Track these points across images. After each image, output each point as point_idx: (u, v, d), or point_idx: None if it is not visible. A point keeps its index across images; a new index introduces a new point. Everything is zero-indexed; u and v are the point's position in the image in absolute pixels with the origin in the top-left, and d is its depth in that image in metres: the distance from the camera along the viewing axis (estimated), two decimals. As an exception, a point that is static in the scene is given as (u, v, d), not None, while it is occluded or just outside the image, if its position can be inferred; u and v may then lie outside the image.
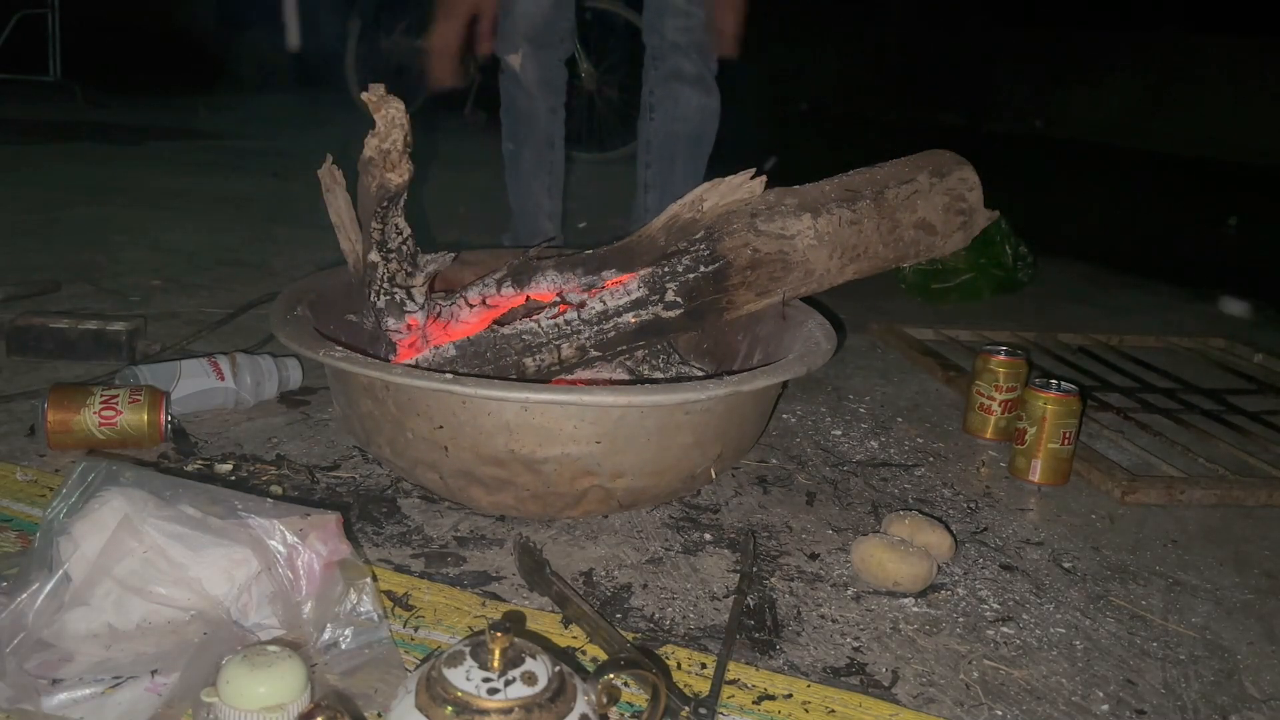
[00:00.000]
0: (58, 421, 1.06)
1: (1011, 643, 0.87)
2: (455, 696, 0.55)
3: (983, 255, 2.07)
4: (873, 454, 1.27)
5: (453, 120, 4.29)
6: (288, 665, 0.64)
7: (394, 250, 1.02)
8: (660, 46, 1.80)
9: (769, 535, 1.03)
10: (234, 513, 0.75)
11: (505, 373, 1.07)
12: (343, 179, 1.05)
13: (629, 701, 0.73)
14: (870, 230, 1.10)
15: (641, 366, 1.15)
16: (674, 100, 1.82)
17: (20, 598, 0.69)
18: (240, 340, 1.45)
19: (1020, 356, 1.34)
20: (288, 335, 0.99)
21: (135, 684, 0.69)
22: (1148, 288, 2.42)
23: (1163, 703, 0.80)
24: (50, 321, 1.36)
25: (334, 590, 0.74)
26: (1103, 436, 1.36)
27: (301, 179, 1.35)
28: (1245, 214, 3.76)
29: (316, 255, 2.00)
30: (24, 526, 0.91)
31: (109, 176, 2.83)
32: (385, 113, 0.96)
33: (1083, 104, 5.85)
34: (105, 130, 3.79)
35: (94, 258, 1.91)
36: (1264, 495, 1.19)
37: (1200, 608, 0.96)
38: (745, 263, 1.05)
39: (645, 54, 1.85)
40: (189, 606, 0.72)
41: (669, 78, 1.80)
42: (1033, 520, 1.12)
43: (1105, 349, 1.77)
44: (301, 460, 1.11)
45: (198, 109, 4.43)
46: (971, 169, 1.17)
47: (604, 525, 1.02)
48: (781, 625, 0.87)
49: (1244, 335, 1.91)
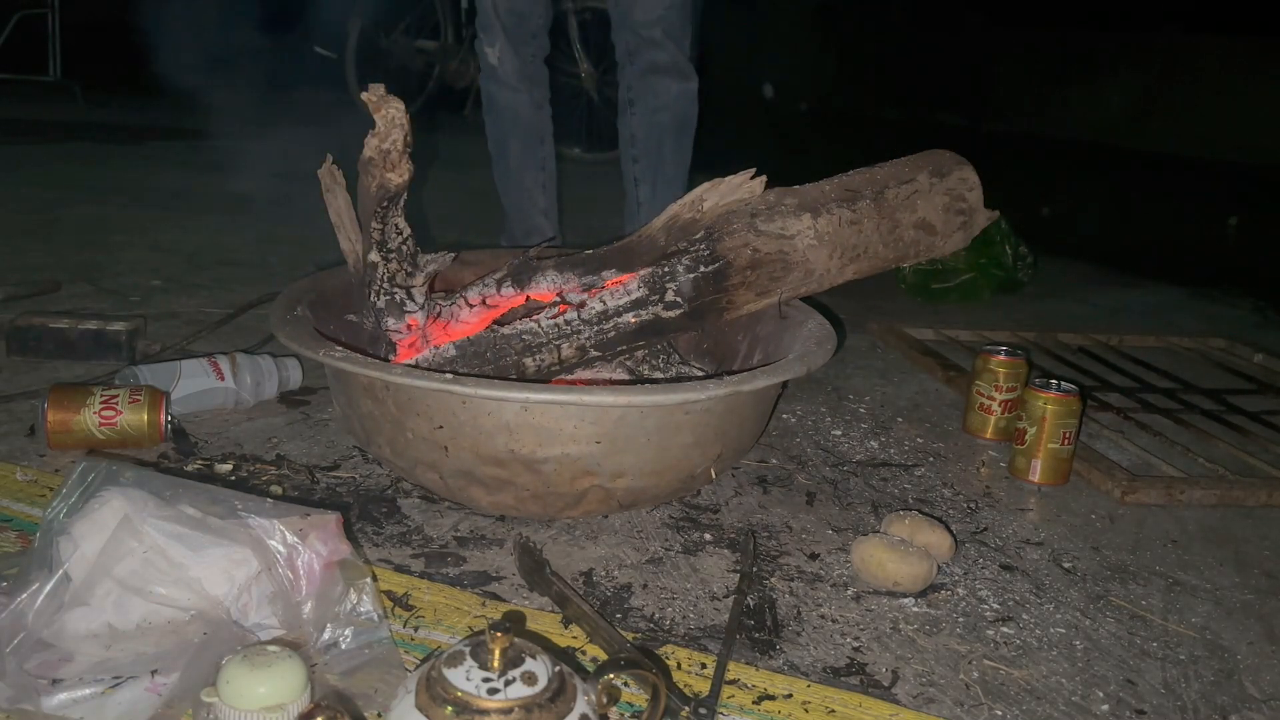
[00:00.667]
0: (58, 421, 1.06)
1: (1011, 643, 0.87)
2: (455, 696, 0.55)
3: (983, 255, 2.07)
4: (873, 454, 1.27)
5: (453, 120, 4.29)
6: (288, 665, 0.64)
7: (394, 250, 1.02)
8: (632, 43, 1.79)
9: (769, 535, 1.03)
10: (234, 513, 0.75)
11: (505, 373, 1.07)
12: (343, 179, 1.05)
13: (629, 701, 0.73)
14: (870, 230, 1.10)
15: (641, 366, 1.15)
16: (653, 92, 1.81)
17: (20, 598, 0.69)
18: (240, 340, 1.45)
19: (1020, 356, 1.34)
20: (288, 335, 0.99)
21: (135, 684, 0.69)
22: (1148, 288, 2.42)
23: (1163, 703, 0.80)
24: (50, 321, 1.36)
25: (334, 590, 0.74)
26: (1103, 436, 1.36)
27: (301, 179, 1.35)
28: (1245, 214, 3.76)
29: (316, 255, 1.99)
30: (24, 526, 0.91)
31: (109, 176, 2.83)
32: (385, 113, 0.96)
33: (1083, 104, 5.85)
34: (105, 130, 3.78)
35: (94, 258, 1.91)
36: (1264, 495, 1.19)
37: (1200, 608, 0.96)
38: (745, 263, 1.05)
39: (616, 52, 1.85)
40: (189, 606, 0.72)
41: (646, 72, 1.80)
42: (1033, 520, 1.12)
43: (1105, 349, 1.77)
44: (301, 460, 1.11)
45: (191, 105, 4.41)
46: (971, 169, 1.17)
47: (604, 525, 1.02)
48: (781, 625, 0.87)
49: (1244, 335, 1.91)
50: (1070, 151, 5.45)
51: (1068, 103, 5.93)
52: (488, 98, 1.90)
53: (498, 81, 1.86)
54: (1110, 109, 5.72)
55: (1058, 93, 6.00)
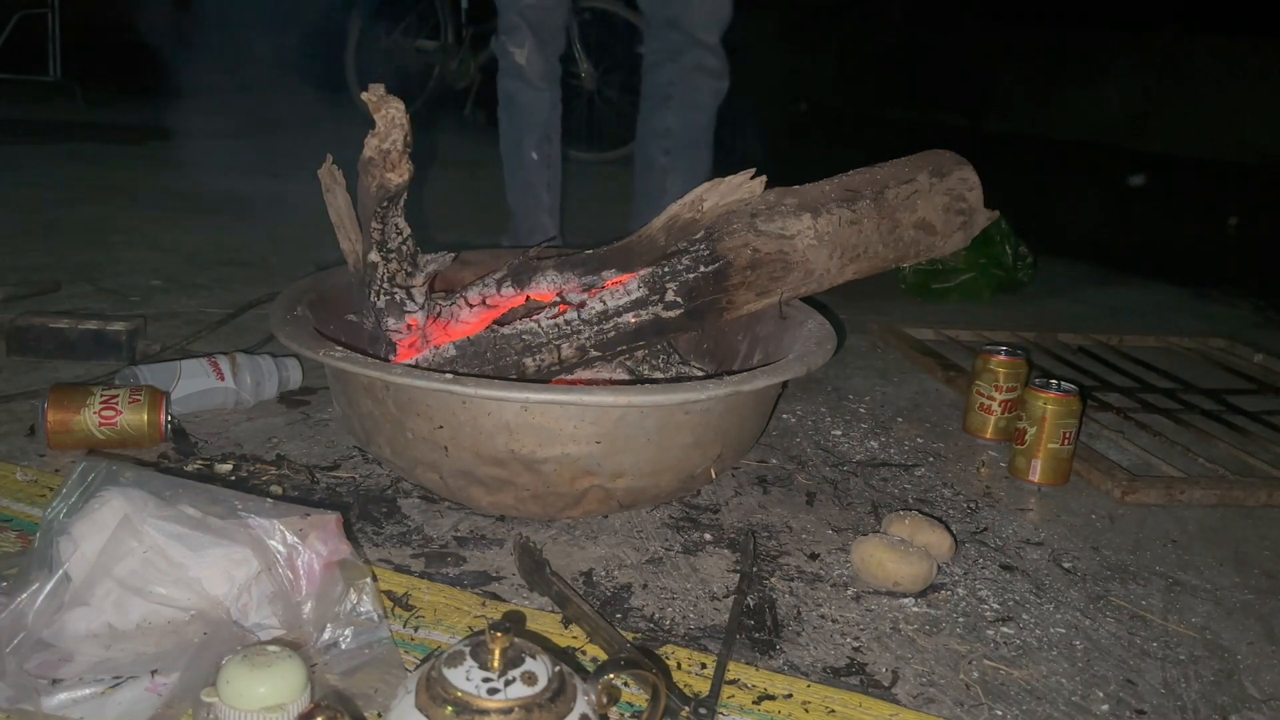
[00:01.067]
0: (58, 421, 1.06)
1: (1011, 643, 0.87)
2: (455, 696, 0.55)
3: (983, 255, 2.07)
4: (873, 454, 1.27)
5: (453, 120, 4.29)
6: (288, 665, 0.64)
7: (394, 250, 1.02)
8: (680, 42, 1.79)
9: (769, 535, 1.03)
10: (234, 513, 0.75)
11: (505, 373, 1.07)
12: (343, 179, 1.05)
13: (629, 701, 0.73)
14: (870, 230, 1.10)
15: (641, 366, 1.15)
16: (697, 90, 1.82)
17: (20, 598, 0.69)
18: (240, 340, 1.45)
19: (1020, 356, 1.34)
20: (288, 335, 0.99)
21: (135, 684, 0.69)
22: (1148, 288, 2.42)
23: (1163, 703, 0.80)
24: (50, 321, 1.36)
25: (334, 590, 0.74)
26: (1103, 436, 1.36)
27: (301, 179, 1.35)
28: (1245, 214, 3.76)
29: (316, 255, 1.99)
30: (24, 526, 0.91)
31: (109, 176, 2.83)
32: (385, 113, 0.96)
33: (1083, 104, 5.85)
34: (105, 130, 3.78)
35: (94, 258, 1.91)
36: (1264, 495, 1.19)
37: (1200, 608, 0.96)
38: (745, 263, 1.05)
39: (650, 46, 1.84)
40: (189, 606, 0.72)
41: (692, 70, 1.80)
42: (1033, 520, 1.12)
43: (1105, 349, 1.77)
44: (301, 460, 1.11)
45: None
46: (971, 169, 1.17)
47: (604, 525, 1.02)
48: (781, 625, 0.87)
49: (1244, 335, 1.91)
50: (1070, 151, 5.45)
51: (1068, 103, 5.93)
52: (507, 96, 1.89)
53: (522, 80, 1.86)
54: (1110, 109, 5.72)
55: (1058, 93, 6.00)
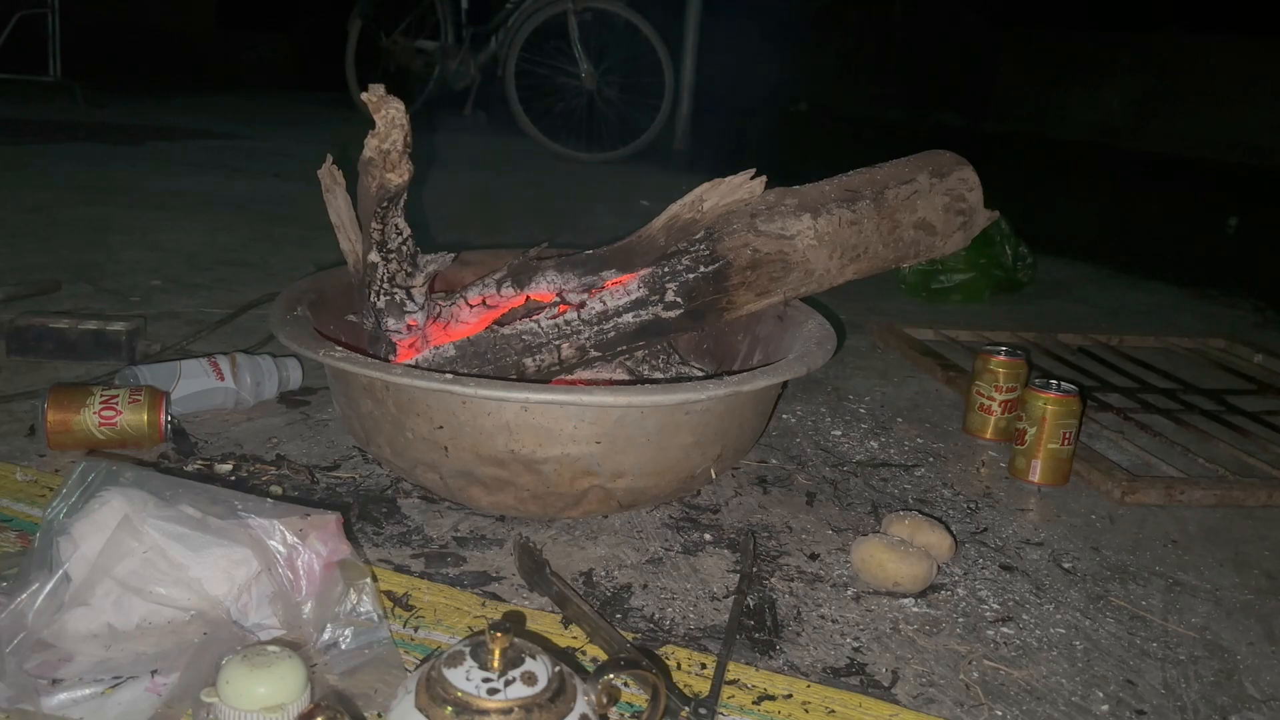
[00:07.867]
0: (58, 421, 1.06)
1: (1011, 643, 0.87)
2: (455, 696, 0.55)
3: (983, 255, 2.07)
4: (873, 454, 1.27)
5: (453, 120, 4.29)
6: (288, 665, 0.64)
7: (394, 250, 1.02)
8: None
9: (769, 535, 1.03)
10: (234, 513, 0.75)
11: (505, 373, 1.07)
12: (343, 179, 1.05)
13: (629, 701, 0.73)
14: (870, 230, 1.10)
15: (641, 366, 1.15)
16: None
17: (20, 598, 0.68)
18: (240, 340, 1.45)
19: (1020, 356, 1.34)
20: (288, 335, 0.99)
21: (135, 684, 0.69)
22: (1148, 288, 2.42)
23: (1163, 703, 0.80)
24: (50, 321, 1.36)
25: (334, 590, 0.74)
26: (1103, 436, 1.36)
27: (301, 179, 1.35)
28: (1245, 214, 3.76)
29: (316, 255, 2.00)
30: (24, 526, 0.91)
31: (109, 176, 2.83)
32: (385, 113, 0.96)
33: (1083, 104, 5.85)
34: (105, 130, 3.78)
35: (94, 258, 1.91)
36: (1264, 495, 1.19)
37: (1200, 608, 0.96)
38: (745, 263, 1.05)
39: None
40: (189, 606, 0.72)
41: None
42: (1033, 520, 1.12)
43: (1105, 349, 1.77)
44: (301, 460, 1.11)
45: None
46: (971, 169, 1.17)
47: (604, 525, 1.02)
48: (781, 625, 0.87)
49: (1244, 335, 1.91)
50: (1070, 151, 5.45)
51: (1068, 103, 5.93)
52: None
53: None
54: (1110, 109, 5.72)
55: (1058, 93, 6.00)
